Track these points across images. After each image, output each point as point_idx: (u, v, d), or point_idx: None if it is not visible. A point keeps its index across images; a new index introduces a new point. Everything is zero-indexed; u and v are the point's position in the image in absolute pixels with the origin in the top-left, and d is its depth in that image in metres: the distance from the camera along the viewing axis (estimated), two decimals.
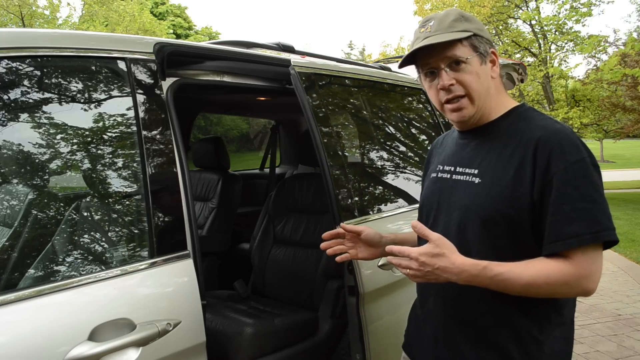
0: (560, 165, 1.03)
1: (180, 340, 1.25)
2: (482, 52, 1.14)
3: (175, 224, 1.36)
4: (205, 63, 1.60)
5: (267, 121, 4.60)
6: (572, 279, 1.01)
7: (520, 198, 1.06)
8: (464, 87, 1.13)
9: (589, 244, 1.01)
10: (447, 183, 1.22)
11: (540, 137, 1.07)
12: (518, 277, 1.03)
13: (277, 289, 2.40)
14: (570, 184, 1.02)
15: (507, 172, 1.09)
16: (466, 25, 1.14)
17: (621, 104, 13.36)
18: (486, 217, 1.10)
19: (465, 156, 1.21)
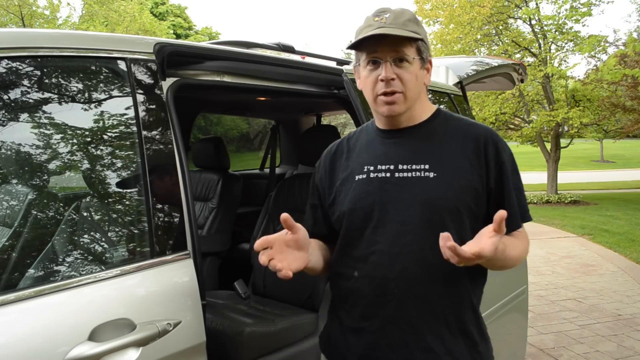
0: (505, 157, 1.21)
1: (181, 340, 1.25)
2: (424, 57, 1.22)
3: (175, 224, 1.36)
4: (205, 63, 1.60)
5: (267, 121, 4.60)
6: (527, 246, 1.24)
7: (477, 188, 1.18)
8: (403, 85, 1.18)
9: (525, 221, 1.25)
10: (388, 182, 1.21)
11: (484, 133, 1.22)
12: (514, 248, 1.17)
13: (277, 289, 2.40)
14: (509, 173, 1.21)
15: (463, 164, 1.19)
16: (417, 29, 1.20)
17: (621, 104, 13.35)
18: (451, 208, 1.17)
19: (406, 153, 1.23)
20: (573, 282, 5.30)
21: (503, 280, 2.60)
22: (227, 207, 3.02)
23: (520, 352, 2.89)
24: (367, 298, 1.20)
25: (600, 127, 14.60)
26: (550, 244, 7.35)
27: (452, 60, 3.24)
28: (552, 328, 3.99)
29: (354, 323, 1.23)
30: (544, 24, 12.50)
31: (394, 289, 1.17)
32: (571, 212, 10.45)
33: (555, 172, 12.91)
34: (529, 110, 13.70)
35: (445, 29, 13.21)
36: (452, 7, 12.70)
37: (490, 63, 3.16)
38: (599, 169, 25.87)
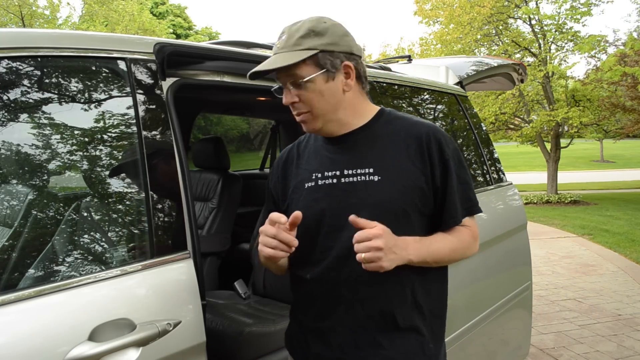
0: (449, 153, 1.21)
1: (181, 340, 1.25)
2: (329, 68, 1.15)
3: (175, 224, 1.36)
4: (205, 63, 1.60)
5: (267, 121, 4.60)
6: (471, 240, 1.25)
7: (421, 187, 1.19)
8: (307, 105, 1.17)
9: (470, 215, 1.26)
10: (336, 187, 1.21)
11: (426, 132, 1.22)
12: (443, 245, 1.20)
13: (277, 289, 2.40)
14: (457, 167, 1.22)
15: (406, 165, 1.20)
16: (314, 42, 1.14)
17: (621, 104, 13.35)
18: (397, 210, 1.18)
19: (350, 158, 1.22)
20: (573, 282, 5.30)
21: (508, 277, 2.61)
22: (227, 207, 3.02)
23: (525, 346, 2.92)
24: (320, 300, 1.24)
25: (600, 127, 14.60)
26: (550, 244, 7.35)
27: (452, 60, 3.24)
28: (552, 328, 3.99)
29: (310, 323, 1.28)
30: (544, 23, 12.49)
31: (344, 292, 1.20)
32: (571, 212, 10.45)
33: (555, 172, 12.91)
34: (529, 110, 13.70)
35: (445, 29, 13.21)
36: (452, 7, 12.69)
37: (490, 63, 3.16)
38: (599, 169, 25.87)
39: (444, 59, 3.64)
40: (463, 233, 1.24)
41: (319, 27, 1.16)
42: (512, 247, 2.64)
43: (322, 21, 1.18)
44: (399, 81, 2.40)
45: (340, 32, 1.18)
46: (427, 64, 3.14)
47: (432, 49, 14.09)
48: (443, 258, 1.21)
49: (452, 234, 1.22)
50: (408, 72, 2.75)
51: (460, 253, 1.24)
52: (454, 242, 1.22)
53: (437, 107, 2.68)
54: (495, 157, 2.86)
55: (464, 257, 1.27)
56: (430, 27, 14.21)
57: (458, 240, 1.22)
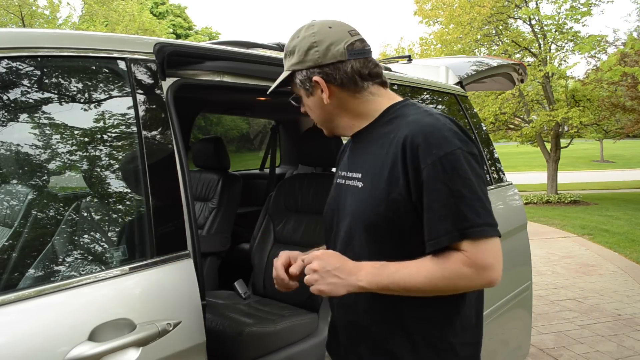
0: (428, 161, 1.01)
1: (180, 340, 1.25)
2: (303, 86, 1.17)
3: (175, 224, 1.36)
4: (205, 63, 1.60)
5: (267, 121, 4.60)
6: (468, 271, 0.99)
7: (397, 199, 1.05)
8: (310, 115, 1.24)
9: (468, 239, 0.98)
10: (341, 189, 1.23)
11: (407, 134, 1.05)
12: (416, 272, 1.01)
13: (277, 290, 2.40)
14: (439, 179, 0.99)
15: (383, 173, 1.08)
16: (288, 62, 1.18)
17: (621, 104, 13.35)
18: (368, 222, 1.10)
19: (353, 161, 1.23)
20: (573, 282, 5.30)
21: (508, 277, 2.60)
22: (227, 207, 3.02)
23: (525, 346, 2.92)
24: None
25: (600, 127, 14.60)
26: (550, 244, 7.35)
27: (452, 60, 3.24)
28: (552, 328, 3.99)
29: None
30: (544, 23, 12.49)
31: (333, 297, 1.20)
32: (571, 212, 10.45)
33: (555, 172, 12.91)
34: (529, 110, 13.70)
35: (445, 29, 13.21)
36: (452, 7, 12.69)
37: (490, 63, 3.15)
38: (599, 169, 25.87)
39: (444, 59, 3.64)
40: (451, 261, 1.00)
41: (290, 47, 1.18)
42: (512, 247, 2.64)
43: (296, 37, 1.17)
44: (399, 81, 2.40)
45: (304, 48, 1.14)
46: (427, 64, 3.14)
47: (432, 49, 14.08)
48: (417, 287, 1.02)
49: (434, 260, 1.01)
50: (408, 72, 2.75)
51: (447, 284, 1.01)
52: (431, 270, 1.01)
53: (437, 107, 2.67)
54: (495, 157, 2.86)
55: (461, 290, 1.05)
56: (430, 27, 14.22)
57: (439, 268, 1.00)
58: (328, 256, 1.07)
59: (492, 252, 1.00)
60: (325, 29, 1.14)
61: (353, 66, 1.14)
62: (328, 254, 1.08)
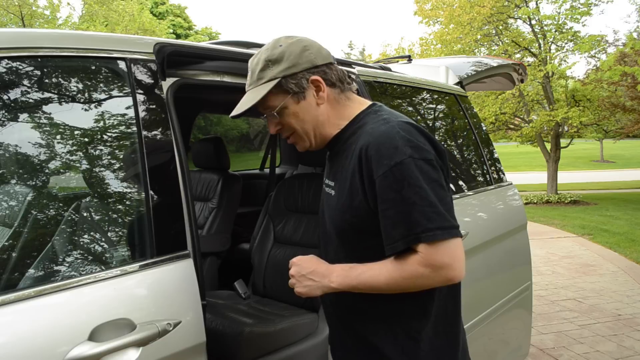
0: (379, 172, 1.05)
1: (180, 340, 1.25)
2: (296, 90, 1.15)
3: (175, 224, 1.36)
4: (205, 63, 1.60)
5: None
6: (425, 271, 1.04)
7: (358, 206, 1.12)
8: (289, 129, 1.21)
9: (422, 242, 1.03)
10: (324, 194, 1.30)
11: (362, 146, 1.10)
12: (378, 274, 1.09)
13: (277, 289, 2.40)
14: (391, 188, 1.04)
15: (346, 182, 1.15)
16: (273, 71, 1.15)
17: (621, 104, 13.35)
18: (338, 228, 1.18)
19: (329, 169, 1.29)
20: (573, 282, 5.30)
21: (508, 277, 2.61)
22: (227, 207, 3.02)
23: (525, 346, 2.93)
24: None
25: (600, 127, 14.60)
26: (550, 244, 7.35)
27: (452, 60, 3.24)
28: (552, 328, 3.99)
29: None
30: (544, 23, 12.49)
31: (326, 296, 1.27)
32: (571, 212, 10.45)
33: (555, 172, 12.91)
34: (529, 110, 13.70)
35: (445, 29, 13.21)
36: (452, 7, 12.69)
37: (490, 63, 3.16)
38: (599, 169, 25.87)
39: (444, 59, 3.64)
40: (408, 262, 1.05)
41: (275, 55, 1.15)
42: (512, 247, 2.64)
43: (278, 45, 1.16)
44: (399, 81, 2.40)
45: (296, 51, 1.15)
46: (427, 64, 3.14)
47: (432, 49, 14.09)
48: (381, 287, 1.09)
49: (394, 262, 1.08)
50: (408, 72, 2.75)
51: (407, 283, 1.07)
52: (391, 271, 1.07)
53: (437, 107, 2.68)
54: (495, 157, 2.86)
55: (421, 287, 1.09)
56: (430, 27, 14.21)
57: (398, 269, 1.07)
58: (303, 261, 1.20)
59: (447, 252, 1.03)
60: (304, 37, 1.20)
61: (337, 69, 1.22)
62: (303, 259, 1.20)
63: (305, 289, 1.18)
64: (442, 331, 1.19)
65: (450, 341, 1.21)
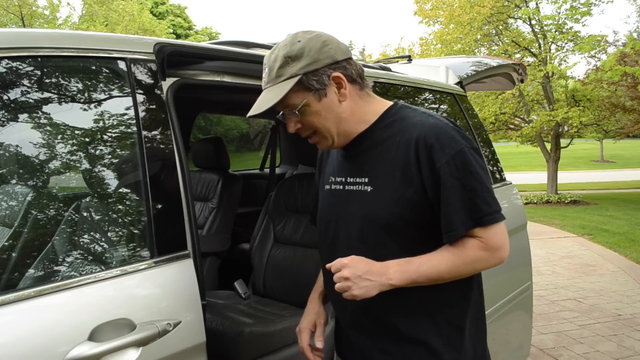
0: (443, 160, 1.08)
1: (180, 340, 1.25)
2: (318, 87, 1.12)
3: (175, 224, 1.36)
4: (205, 63, 1.60)
5: (267, 121, 4.60)
6: (485, 254, 1.10)
7: (412, 198, 1.11)
8: (310, 128, 1.17)
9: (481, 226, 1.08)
10: (341, 195, 1.23)
11: (418, 135, 1.11)
12: (438, 263, 1.10)
13: (277, 290, 2.40)
14: (453, 175, 1.08)
15: (395, 174, 1.13)
16: (293, 67, 1.11)
17: (621, 104, 13.35)
18: (385, 223, 1.14)
19: (353, 166, 1.22)
20: (573, 282, 5.30)
21: (508, 277, 2.61)
22: (227, 207, 3.02)
23: (526, 346, 2.92)
24: (333, 301, 1.32)
25: (600, 127, 14.60)
26: (550, 244, 7.35)
27: (452, 60, 3.24)
28: (552, 328, 3.99)
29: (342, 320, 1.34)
30: (544, 23, 12.49)
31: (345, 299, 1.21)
32: (571, 212, 10.44)
33: (555, 172, 12.91)
34: (529, 110, 13.70)
35: (445, 29, 13.20)
36: (452, 7, 12.69)
37: (490, 63, 3.15)
38: (599, 169, 25.87)
39: (444, 59, 3.64)
40: (467, 247, 1.10)
41: (294, 51, 1.11)
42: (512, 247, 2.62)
43: (296, 41, 1.12)
44: (399, 81, 2.40)
45: (316, 46, 1.12)
46: (427, 64, 3.14)
47: (432, 49, 14.08)
48: (442, 276, 1.10)
49: (451, 249, 1.11)
50: (408, 72, 2.75)
51: (467, 268, 1.11)
52: (452, 259, 1.10)
53: (439, 107, 2.67)
54: (495, 157, 2.86)
55: (478, 271, 1.16)
56: (430, 27, 14.21)
57: (458, 256, 1.10)
58: (355, 262, 1.10)
59: (502, 234, 1.11)
60: (321, 32, 1.16)
61: (357, 64, 1.18)
62: (355, 260, 1.11)
63: (362, 290, 1.09)
64: (475, 318, 1.22)
65: (480, 328, 1.24)
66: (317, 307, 1.37)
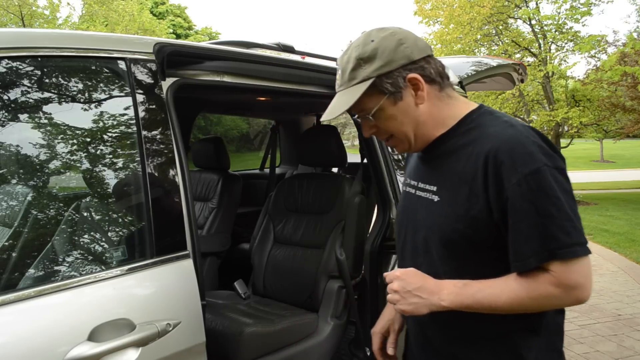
0: (513, 180, 0.95)
1: (180, 340, 1.25)
2: (393, 90, 1.05)
3: (175, 224, 1.36)
4: (205, 63, 1.60)
5: (267, 121, 4.60)
6: (556, 291, 0.95)
7: (476, 216, 1.00)
8: (386, 132, 1.11)
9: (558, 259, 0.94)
10: (412, 199, 1.17)
11: (489, 149, 0.98)
12: (499, 292, 0.98)
13: (277, 290, 2.40)
14: (525, 198, 0.94)
15: (462, 189, 1.02)
16: (367, 70, 1.04)
17: (621, 104, 13.36)
18: (445, 238, 1.05)
19: (425, 171, 1.15)
20: None
21: None
22: (227, 207, 3.02)
23: None
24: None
25: (600, 127, 14.60)
26: None
27: (452, 60, 3.24)
28: None
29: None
30: (544, 23, 12.50)
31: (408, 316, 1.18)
32: None
33: None
34: (529, 110, 13.70)
35: (445, 29, 13.22)
36: (452, 7, 12.70)
37: (490, 63, 3.15)
38: (599, 169, 25.86)
39: (444, 59, 3.63)
40: (538, 281, 0.96)
41: (367, 52, 1.04)
42: None
43: (369, 41, 1.05)
44: None
45: (391, 46, 1.04)
46: None
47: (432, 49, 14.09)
48: (501, 307, 0.98)
49: (519, 280, 0.98)
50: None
51: (532, 304, 0.98)
52: (516, 290, 0.97)
53: None
54: None
55: (547, 308, 1.02)
56: (430, 27, 14.24)
57: (525, 288, 0.96)
58: (408, 276, 1.05)
59: (582, 271, 0.96)
60: (397, 29, 1.08)
61: (437, 62, 1.09)
62: (408, 274, 1.05)
63: (410, 307, 1.03)
64: (546, 348, 1.10)
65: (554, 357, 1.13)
66: (393, 312, 1.29)
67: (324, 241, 2.31)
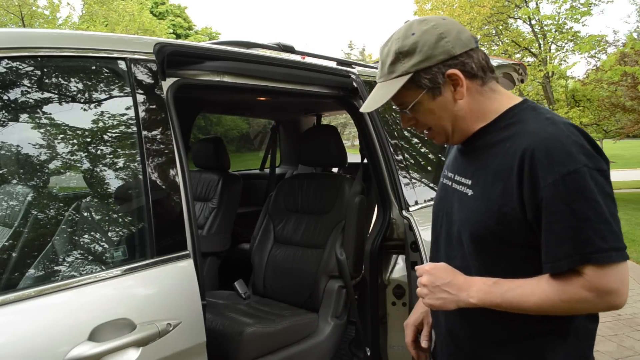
0: (549, 180, 0.92)
1: (181, 340, 1.25)
2: (431, 86, 1.03)
3: (175, 224, 1.36)
4: (205, 63, 1.60)
5: (267, 121, 4.60)
6: (589, 296, 0.92)
7: (509, 214, 0.97)
8: (424, 125, 1.10)
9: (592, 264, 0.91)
10: (449, 191, 1.16)
11: (526, 147, 0.96)
12: (530, 293, 0.96)
13: (277, 289, 2.40)
14: (561, 199, 0.91)
15: (496, 185, 1.00)
16: (405, 64, 1.03)
17: (621, 104, 13.35)
18: (476, 233, 1.03)
19: (462, 164, 1.13)
20: None
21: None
22: (227, 207, 3.02)
23: None
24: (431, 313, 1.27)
25: (600, 127, 14.60)
26: None
27: None
28: None
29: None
30: (544, 23, 12.51)
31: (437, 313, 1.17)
32: None
33: None
34: None
35: None
36: (452, 7, 12.71)
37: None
38: None
39: None
40: (571, 284, 0.93)
41: (407, 46, 1.02)
42: None
43: (410, 34, 1.03)
44: None
45: (431, 40, 1.02)
46: None
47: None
48: (530, 308, 0.96)
49: (550, 281, 0.95)
50: None
51: (563, 307, 0.95)
52: (548, 292, 0.95)
53: None
54: None
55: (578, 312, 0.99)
56: None
57: (556, 290, 0.94)
58: (438, 270, 1.05)
59: (617, 277, 0.92)
60: (440, 20, 1.05)
61: (480, 55, 1.06)
62: (438, 268, 1.05)
63: (438, 302, 1.02)
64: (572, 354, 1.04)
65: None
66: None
67: (324, 241, 2.31)
